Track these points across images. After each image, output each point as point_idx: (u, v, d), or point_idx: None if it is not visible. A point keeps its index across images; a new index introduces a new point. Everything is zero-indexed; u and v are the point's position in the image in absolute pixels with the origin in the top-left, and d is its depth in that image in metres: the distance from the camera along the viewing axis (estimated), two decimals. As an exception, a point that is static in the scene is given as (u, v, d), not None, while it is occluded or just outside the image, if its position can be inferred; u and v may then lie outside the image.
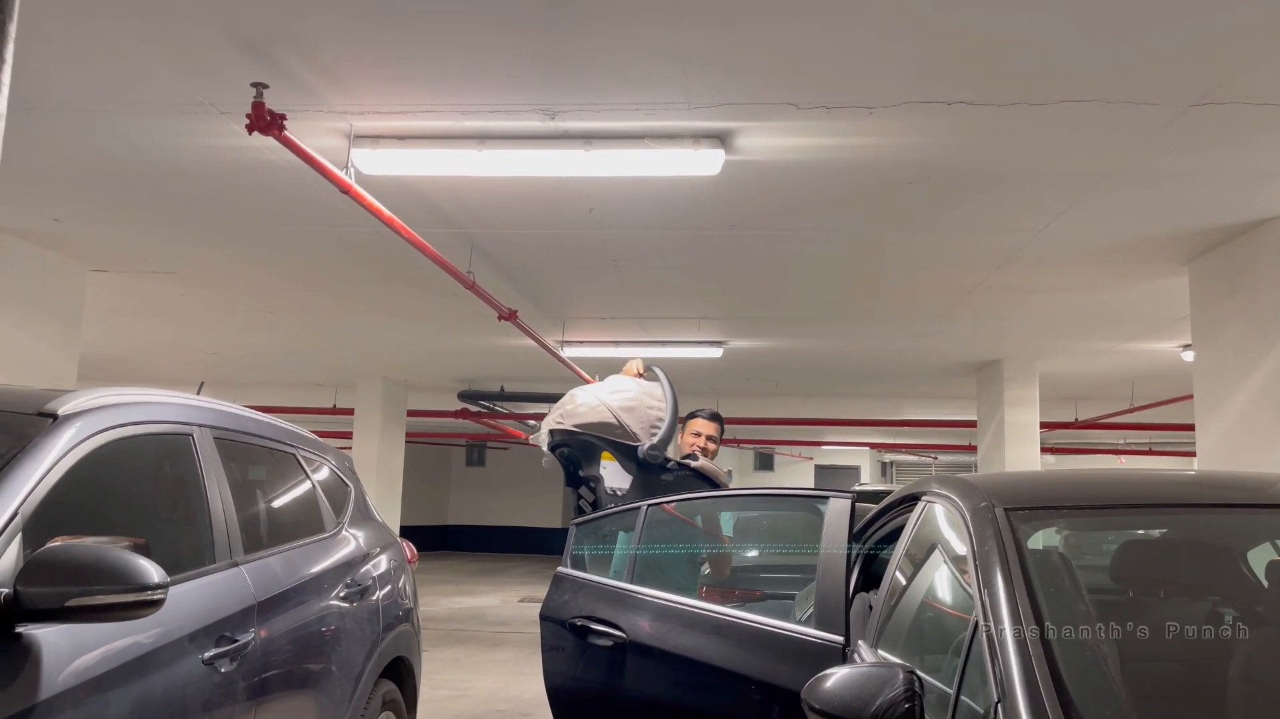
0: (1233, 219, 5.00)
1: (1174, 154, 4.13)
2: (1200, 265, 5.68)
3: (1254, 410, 5.05)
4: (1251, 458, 5.03)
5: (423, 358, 10.76)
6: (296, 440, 4.09)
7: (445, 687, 8.15)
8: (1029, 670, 1.78)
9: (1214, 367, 5.49)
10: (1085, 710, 1.70)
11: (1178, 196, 4.73)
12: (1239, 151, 4.14)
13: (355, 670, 3.82)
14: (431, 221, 5.29)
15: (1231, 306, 5.33)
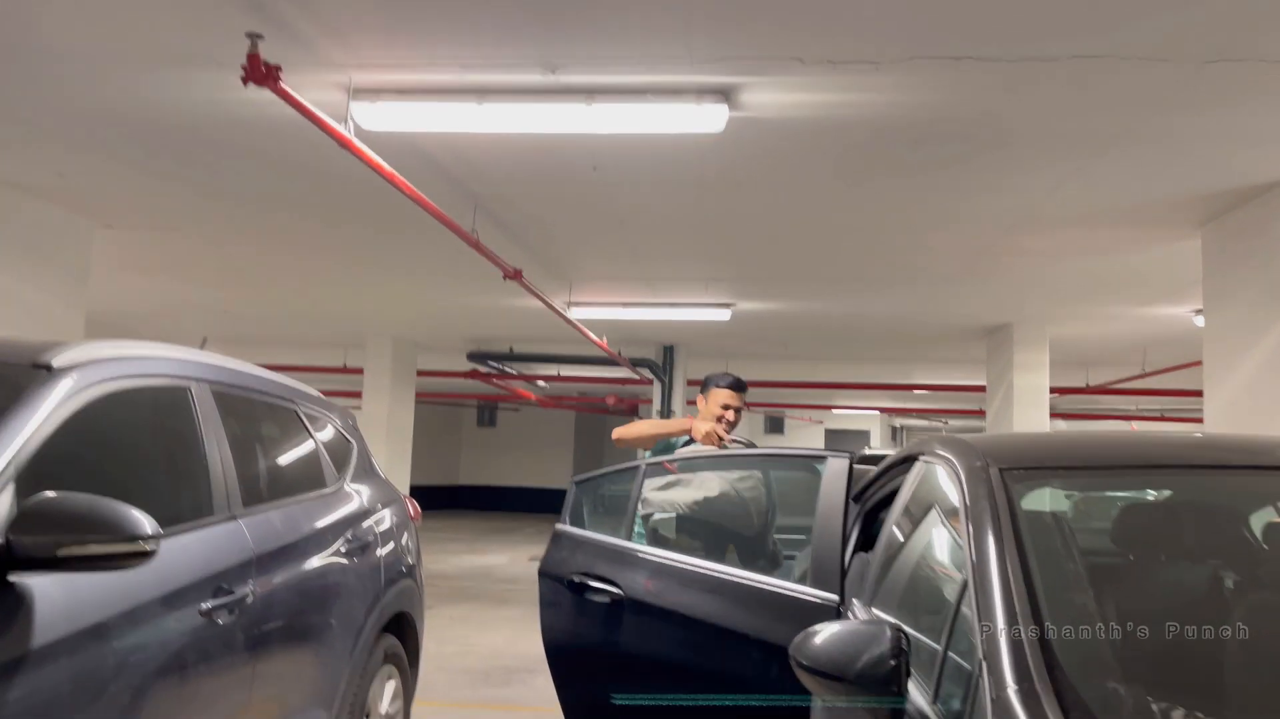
0: (1247, 182, 4.92)
1: (1188, 114, 4.05)
2: (1213, 229, 5.60)
3: (1263, 376, 5.00)
4: (1259, 424, 4.99)
5: (431, 317, 10.76)
6: (298, 396, 4.10)
7: (453, 642, 8.25)
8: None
9: (1224, 332, 5.43)
10: (1070, 670, 1.69)
11: (1191, 158, 4.65)
12: (1254, 112, 4.06)
13: (356, 624, 3.85)
14: (434, 179, 5.25)
15: (1244, 271, 5.26)
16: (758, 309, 9.32)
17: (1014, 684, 1.66)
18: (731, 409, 4.45)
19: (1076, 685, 1.66)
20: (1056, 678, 1.67)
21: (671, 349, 12.70)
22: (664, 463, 4.24)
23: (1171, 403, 14.49)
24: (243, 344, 13.43)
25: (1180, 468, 2.24)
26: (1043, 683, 1.66)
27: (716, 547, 3.86)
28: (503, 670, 7.24)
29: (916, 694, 1.99)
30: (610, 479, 4.06)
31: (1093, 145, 4.48)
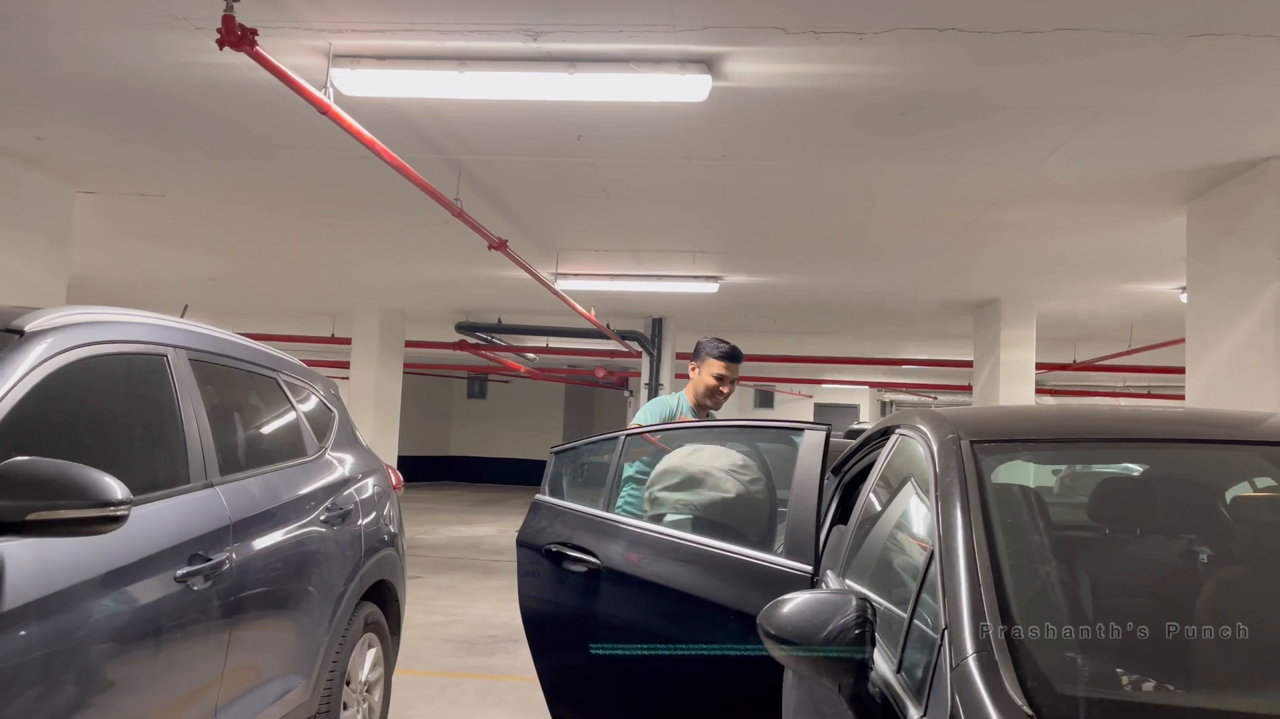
0: (1232, 158, 4.91)
1: (1172, 88, 4.04)
2: (1198, 205, 5.60)
3: (1244, 353, 5.02)
4: (1240, 400, 5.01)
5: (418, 288, 10.72)
6: (278, 365, 4.08)
7: (439, 612, 8.29)
8: (977, 600, 1.79)
9: (1207, 308, 5.45)
10: (1031, 642, 1.71)
11: (1177, 133, 4.64)
12: (1238, 88, 4.05)
13: (336, 592, 3.86)
14: (417, 147, 5.21)
15: (1227, 247, 5.27)
16: (745, 282, 9.31)
17: (973, 652, 1.68)
18: (729, 381, 4.22)
19: (1036, 655, 1.67)
20: (1016, 647, 1.68)
21: (660, 322, 12.69)
22: (644, 433, 4.25)
23: (1158, 379, 14.56)
24: (229, 314, 13.38)
25: (1153, 442, 2.25)
26: (1001, 652, 1.67)
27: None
28: (487, 640, 7.29)
29: (881, 663, 2.01)
30: (590, 449, 4.06)
31: (1078, 118, 4.46)
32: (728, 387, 4.20)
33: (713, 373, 4.20)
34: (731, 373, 4.22)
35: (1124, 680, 1.69)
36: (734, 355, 4.25)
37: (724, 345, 4.25)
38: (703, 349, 4.26)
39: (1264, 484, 2.34)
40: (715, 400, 4.23)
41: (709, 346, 4.26)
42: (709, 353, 4.23)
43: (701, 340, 4.32)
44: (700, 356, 4.26)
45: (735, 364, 4.24)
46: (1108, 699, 1.63)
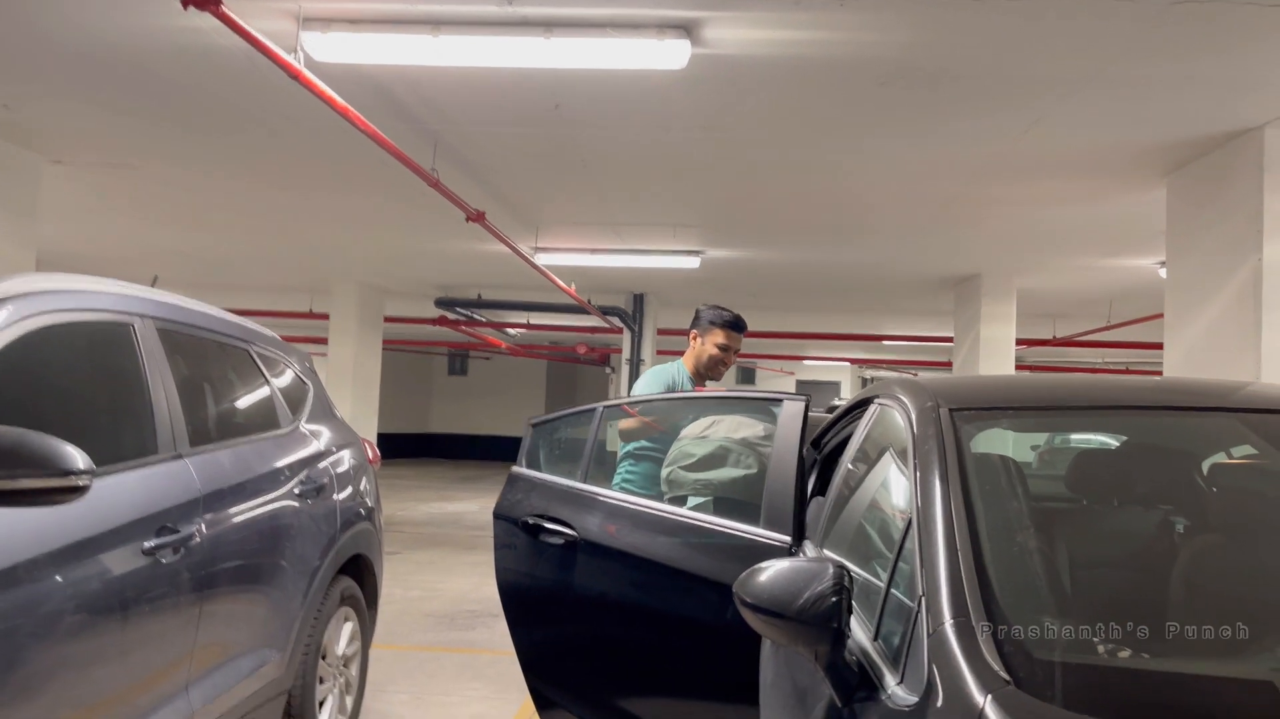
0: (1213, 130, 4.89)
1: (1156, 58, 4.01)
2: (1178, 178, 5.59)
3: (1223, 326, 5.02)
4: (1218, 373, 5.02)
5: (397, 262, 10.61)
6: (250, 336, 4.02)
7: (418, 587, 8.27)
8: (954, 567, 1.77)
9: (1186, 281, 5.45)
10: (1008, 606, 1.69)
11: (1159, 105, 4.61)
12: (1221, 58, 4.02)
13: (311, 566, 3.82)
14: (392, 117, 5.13)
15: (1206, 220, 5.26)
16: (727, 257, 9.26)
17: (950, 619, 1.66)
18: (730, 351, 4.02)
19: (1012, 622, 1.65)
20: (993, 614, 1.66)
21: (641, 297, 12.64)
22: (622, 405, 4.21)
23: (1136, 355, 14.64)
24: (204, 289, 13.21)
25: (1132, 409, 2.23)
26: (979, 618, 1.65)
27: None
28: (466, 615, 7.27)
29: (859, 632, 1.99)
30: (567, 422, 4.02)
31: (1061, 89, 4.43)
32: (730, 357, 4.03)
33: (716, 342, 4.01)
34: (735, 343, 4.04)
35: (1100, 647, 1.67)
36: (738, 324, 4.06)
37: (727, 313, 4.05)
38: (704, 317, 4.06)
39: (1241, 452, 2.33)
40: (717, 372, 4.04)
41: (711, 314, 4.05)
42: (712, 321, 4.03)
43: (701, 308, 4.10)
44: (701, 325, 4.05)
45: (739, 333, 4.05)
46: (1084, 664, 1.62)
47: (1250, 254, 4.80)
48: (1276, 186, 4.73)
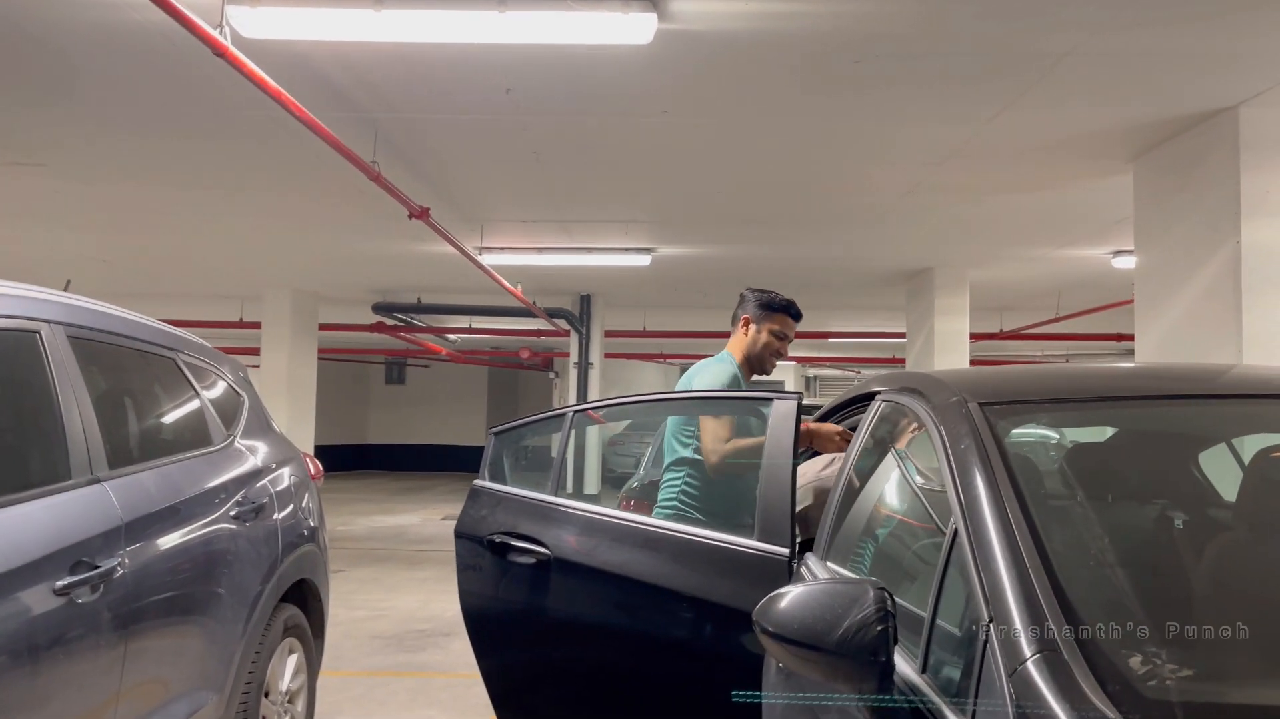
0: (1187, 109, 4.77)
1: (1135, 30, 3.83)
2: (1148, 161, 5.47)
3: (1199, 311, 4.90)
4: (1196, 360, 4.90)
5: (332, 266, 10.13)
6: (177, 344, 3.64)
7: (363, 607, 7.87)
8: (1028, 588, 1.50)
9: (1158, 267, 5.33)
10: (1099, 635, 1.43)
11: (1134, 82, 4.46)
12: (1202, 29, 3.86)
13: (250, 595, 3.48)
14: (329, 103, 4.75)
15: (1179, 203, 5.14)
16: (679, 254, 9.00)
17: (1034, 652, 1.39)
18: (787, 340, 3.54)
19: (1109, 653, 1.39)
20: (1084, 643, 1.40)
21: (589, 299, 12.32)
22: (588, 411, 3.91)
23: (1077, 347, 14.76)
24: (127, 297, 12.54)
25: (1187, 398, 1.99)
26: (1070, 650, 1.39)
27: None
28: (416, 635, 6.90)
29: (902, 663, 1.72)
30: (534, 429, 3.70)
31: (1038, 68, 4.24)
32: (786, 348, 3.57)
33: (773, 330, 3.50)
34: (791, 330, 3.56)
35: (1212, 679, 1.42)
36: (798, 311, 3.58)
37: (780, 297, 3.56)
38: (756, 301, 3.53)
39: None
40: (770, 364, 3.57)
41: (765, 298, 3.53)
42: (767, 305, 3.51)
43: (747, 292, 3.58)
44: (753, 310, 3.52)
45: (797, 321, 3.58)
46: (1208, 703, 1.36)
47: (1228, 237, 4.68)
48: (1253, 167, 4.61)
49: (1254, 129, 4.62)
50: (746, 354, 3.53)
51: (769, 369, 3.59)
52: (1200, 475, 2.04)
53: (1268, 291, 4.57)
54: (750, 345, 3.52)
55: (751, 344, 3.52)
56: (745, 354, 3.53)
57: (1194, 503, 1.98)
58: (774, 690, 2.39)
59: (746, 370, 3.54)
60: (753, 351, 3.51)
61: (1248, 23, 3.78)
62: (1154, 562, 1.69)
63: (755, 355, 3.52)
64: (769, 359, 3.53)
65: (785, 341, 3.53)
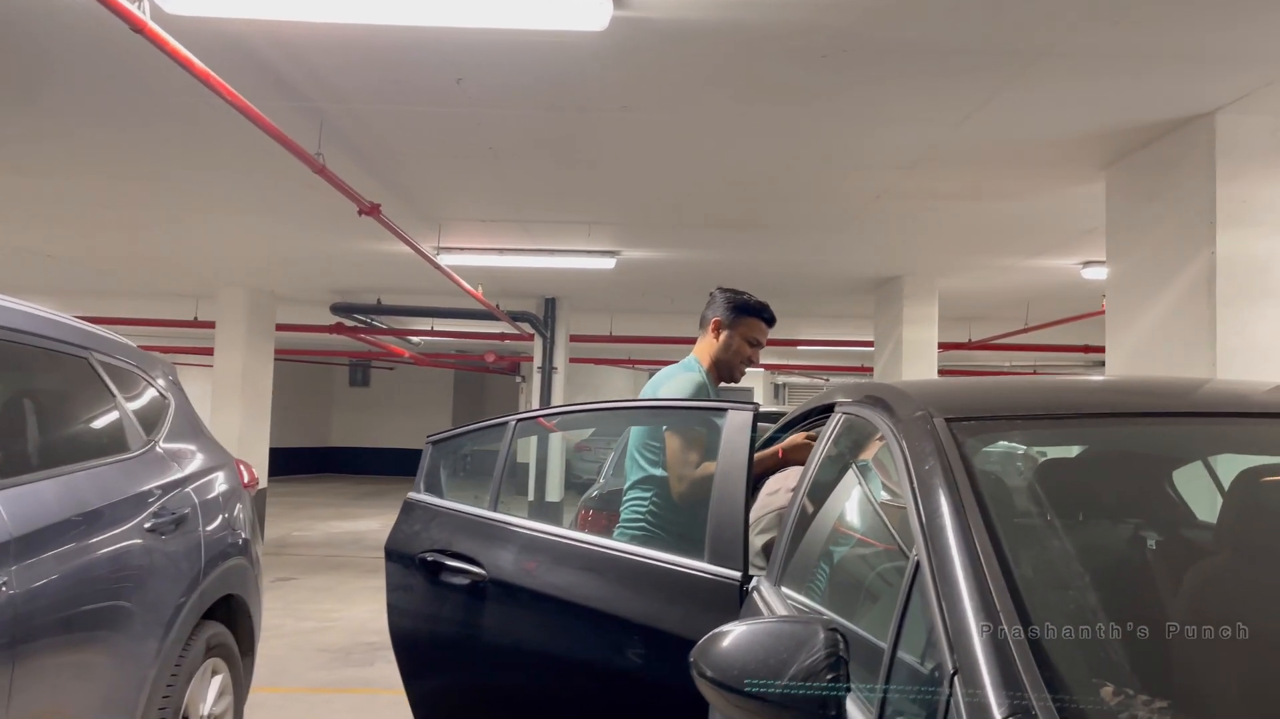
0: (1164, 115, 4.62)
1: (1118, 27, 3.67)
2: (1120, 169, 5.34)
3: (1172, 322, 4.76)
4: (1169, 373, 4.76)
5: (288, 264, 9.83)
6: (91, 342, 3.38)
7: (312, 617, 7.60)
8: (997, 629, 1.31)
9: (1130, 278, 5.19)
10: (1078, 690, 1.24)
11: (1111, 85, 4.31)
12: (1186, 26, 3.71)
13: (166, 613, 3.24)
14: (271, 92, 4.50)
15: (1152, 212, 5.01)
16: (644, 258, 8.79)
17: (1004, 710, 1.20)
18: (759, 346, 3.36)
19: (1084, 706, 1.20)
20: (1058, 694, 1.22)
21: (553, 302, 12.08)
22: (537, 418, 3.69)
23: (1048, 358, 14.72)
24: (75, 295, 12.18)
25: (1168, 415, 1.82)
26: (1041, 700, 1.20)
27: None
28: (364, 648, 6.64)
29: (855, 712, 1.52)
30: (474, 438, 3.48)
31: (1014, 65, 4.07)
32: (758, 354, 3.38)
33: (747, 336, 3.31)
34: (765, 336, 3.38)
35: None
36: (771, 316, 3.39)
37: (758, 301, 3.36)
38: (729, 303, 3.32)
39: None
40: (740, 372, 3.34)
41: (738, 300, 3.33)
42: (741, 309, 3.30)
43: (718, 293, 3.38)
44: (724, 313, 3.31)
45: (771, 325, 3.40)
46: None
47: (1202, 247, 4.54)
48: (1229, 176, 4.48)
49: (1231, 136, 4.49)
50: (715, 360, 3.31)
51: (738, 376, 3.37)
52: (1180, 499, 1.86)
53: (1243, 303, 4.43)
54: (720, 350, 3.30)
55: (722, 349, 3.30)
56: (714, 359, 3.31)
57: (1180, 531, 1.80)
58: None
59: (714, 377, 3.32)
60: (722, 357, 3.30)
61: (1233, 20, 3.63)
62: (1139, 603, 1.50)
63: (724, 361, 3.30)
64: (739, 366, 3.32)
65: (757, 348, 3.33)
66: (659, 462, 3.08)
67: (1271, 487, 1.83)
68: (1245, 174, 4.50)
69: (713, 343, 3.31)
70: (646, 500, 3.08)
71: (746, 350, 3.30)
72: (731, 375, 3.31)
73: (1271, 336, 4.44)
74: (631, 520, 3.07)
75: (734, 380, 3.37)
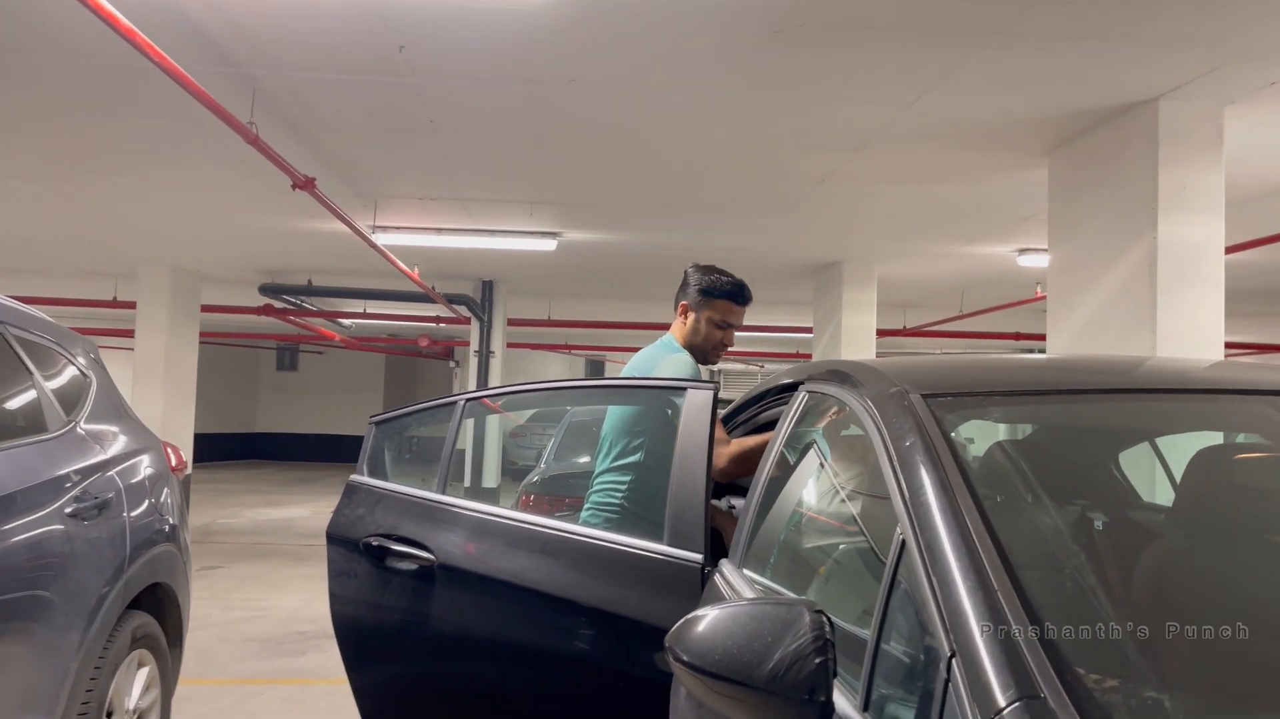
0: (1108, 100, 4.66)
1: (1073, 5, 3.66)
2: (1063, 154, 5.39)
3: (1114, 306, 4.82)
4: (1109, 353, 4.82)
5: (214, 243, 9.47)
6: (3, 315, 3.17)
7: (240, 607, 7.36)
8: (996, 610, 1.25)
9: (1072, 263, 5.24)
10: (1083, 669, 1.18)
11: (1058, 69, 4.32)
12: (1131, 14, 3.72)
13: (89, 603, 3.06)
14: (201, 56, 4.28)
15: (1094, 198, 5.06)
16: (586, 240, 8.67)
17: (1011, 700, 1.13)
18: (733, 330, 3.19)
19: (1101, 699, 1.15)
20: (1069, 682, 1.16)
21: (491, 284, 11.88)
22: (483, 399, 3.57)
23: (981, 345, 14.96)
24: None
25: (1145, 392, 1.78)
26: (1052, 689, 1.14)
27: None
28: (296, 637, 6.44)
29: (841, 699, 1.45)
30: (419, 418, 3.34)
31: (965, 45, 4.06)
32: (731, 336, 3.20)
33: (711, 319, 3.13)
34: (736, 318, 3.18)
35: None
36: (740, 294, 3.16)
37: (726, 280, 3.15)
38: (695, 284, 3.15)
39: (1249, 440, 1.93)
40: (717, 354, 3.17)
41: (705, 280, 3.14)
42: (706, 290, 3.13)
43: (691, 270, 3.20)
44: (691, 295, 3.15)
45: (741, 306, 3.18)
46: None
47: (1144, 233, 4.60)
48: (1172, 162, 4.54)
49: (1173, 123, 4.54)
50: (687, 344, 3.17)
51: (712, 360, 3.22)
52: (1168, 471, 1.84)
53: (1184, 288, 4.50)
54: (690, 335, 3.16)
55: (691, 334, 3.16)
56: (686, 343, 3.18)
57: (1185, 510, 1.76)
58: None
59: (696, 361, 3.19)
60: (693, 342, 3.16)
61: (1177, 6, 3.65)
62: (1136, 580, 1.46)
63: (694, 346, 3.16)
64: (710, 350, 3.17)
65: (728, 331, 3.17)
66: (641, 447, 2.98)
67: (1243, 463, 1.82)
68: (1186, 160, 4.57)
69: (682, 327, 3.19)
70: (625, 485, 2.97)
71: (717, 335, 3.15)
72: (705, 359, 3.18)
73: (1210, 321, 4.52)
74: (604, 504, 2.97)
75: (709, 364, 3.25)
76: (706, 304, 3.13)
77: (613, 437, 3.07)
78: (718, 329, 3.14)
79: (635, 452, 3.00)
